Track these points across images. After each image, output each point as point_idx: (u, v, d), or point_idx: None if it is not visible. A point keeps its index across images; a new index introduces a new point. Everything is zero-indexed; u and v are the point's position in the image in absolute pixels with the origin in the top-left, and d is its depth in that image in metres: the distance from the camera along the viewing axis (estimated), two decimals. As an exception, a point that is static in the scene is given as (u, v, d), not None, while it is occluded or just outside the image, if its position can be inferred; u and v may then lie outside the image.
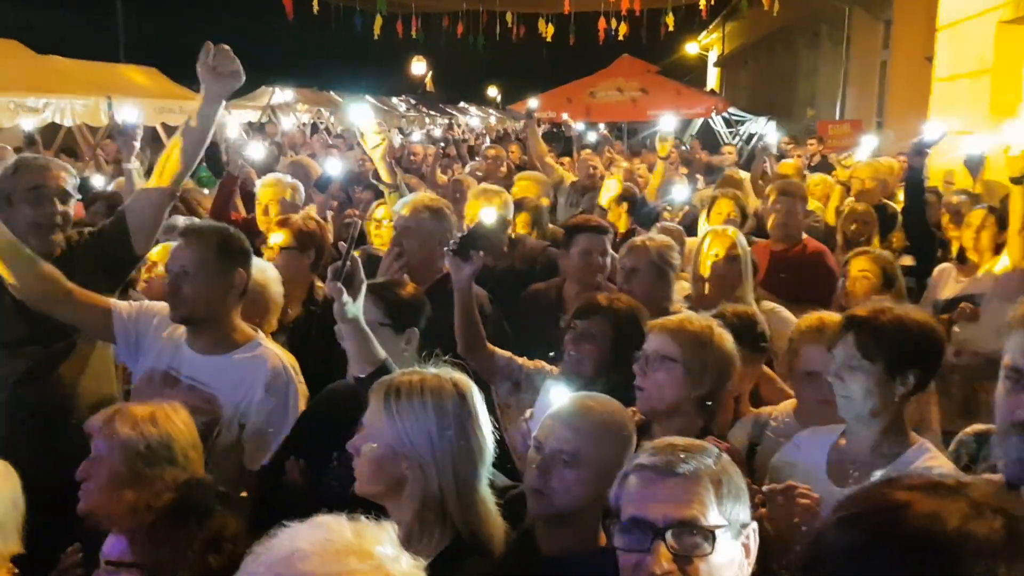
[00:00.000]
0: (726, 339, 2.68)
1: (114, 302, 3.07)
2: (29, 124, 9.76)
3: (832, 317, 2.91)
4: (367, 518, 1.29)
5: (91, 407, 3.14)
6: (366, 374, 2.48)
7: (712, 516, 1.63)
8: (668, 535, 1.62)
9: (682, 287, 4.31)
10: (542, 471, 2.13)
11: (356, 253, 2.64)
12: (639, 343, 2.77)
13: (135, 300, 3.31)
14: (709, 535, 1.62)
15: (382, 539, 1.25)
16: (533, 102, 8.76)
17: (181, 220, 4.22)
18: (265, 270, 3.45)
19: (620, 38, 16.10)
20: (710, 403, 2.65)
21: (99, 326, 3.03)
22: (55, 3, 24.50)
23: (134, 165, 4.83)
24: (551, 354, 3.31)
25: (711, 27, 27.85)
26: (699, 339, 2.62)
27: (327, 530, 1.24)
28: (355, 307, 2.52)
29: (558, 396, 2.41)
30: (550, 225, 5.63)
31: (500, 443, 3.05)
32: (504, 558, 2.06)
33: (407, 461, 2.00)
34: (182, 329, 2.97)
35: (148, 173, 3.64)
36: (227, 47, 3.04)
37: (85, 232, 3.35)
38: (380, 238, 4.94)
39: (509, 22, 16.80)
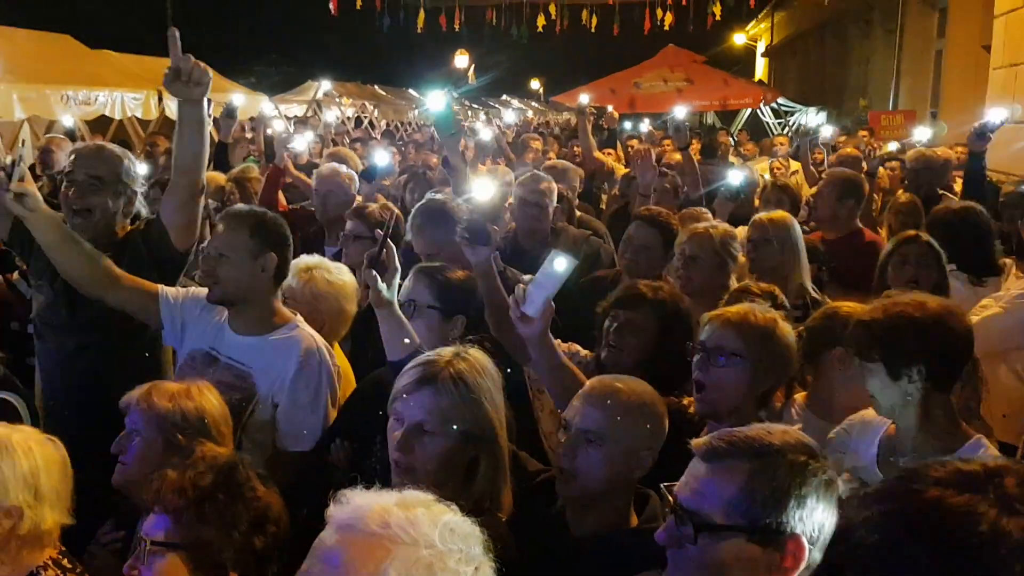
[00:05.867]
0: (788, 331, 2.58)
1: (161, 287, 3.12)
2: (71, 119, 9.91)
3: (852, 308, 2.81)
4: None
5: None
6: (399, 359, 2.51)
7: (718, 510, 1.55)
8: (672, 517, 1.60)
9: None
10: (568, 451, 2.12)
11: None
12: (683, 336, 2.67)
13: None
14: (698, 528, 1.55)
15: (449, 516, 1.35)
16: (584, 97, 8.64)
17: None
18: (345, 284, 3.39)
19: (666, 28, 15.92)
20: (767, 397, 2.58)
21: (147, 311, 3.09)
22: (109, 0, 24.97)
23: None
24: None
25: (759, 16, 27.41)
26: (765, 333, 2.51)
27: (403, 495, 1.34)
28: (390, 293, 2.59)
29: (560, 265, 2.40)
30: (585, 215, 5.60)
31: (533, 427, 3.06)
32: (535, 540, 2.05)
33: (478, 446, 2.06)
34: (226, 312, 3.03)
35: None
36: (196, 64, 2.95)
37: (139, 224, 3.40)
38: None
39: (552, 13, 16.70)
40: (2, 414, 2.40)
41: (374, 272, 2.55)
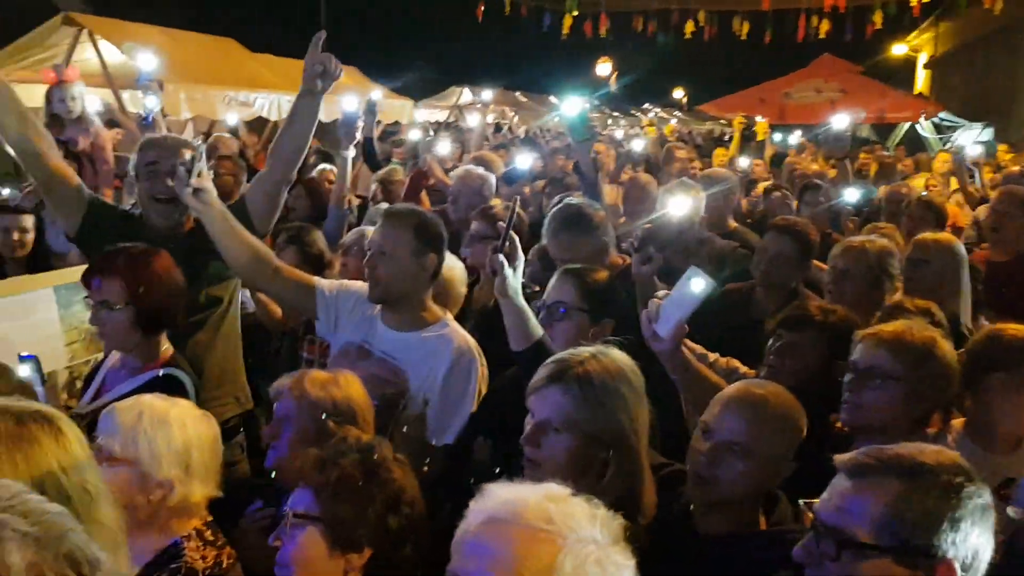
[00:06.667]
0: (949, 350, 2.44)
1: (318, 280, 3.23)
2: (234, 118, 10.41)
3: (1018, 331, 2.62)
4: None
5: (218, 375, 3.44)
6: (523, 349, 2.64)
7: (863, 528, 1.48)
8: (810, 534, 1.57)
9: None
10: (710, 459, 2.07)
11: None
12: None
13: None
14: (841, 545, 1.50)
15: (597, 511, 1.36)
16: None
17: (383, 207, 4.34)
18: (453, 267, 3.56)
19: (821, 36, 15.25)
20: (923, 420, 2.44)
21: (303, 302, 3.19)
22: (268, 5, 26.26)
23: (350, 153, 5.04)
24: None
25: (923, 26, 25.94)
26: (923, 352, 2.38)
27: (547, 488, 1.37)
28: (515, 280, 2.66)
29: (698, 287, 2.37)
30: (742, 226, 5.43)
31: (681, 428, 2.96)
32: (661, 536, 2.01)
33: (608, 448, 2.04)
34: (378, 307, 3.10)
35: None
36: (323, 40, 3.18)
37: None
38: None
39: (701, 20, 16.32)
40: (169, 389, 2.49)
41: (501, 258, 2.62)
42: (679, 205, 3.15)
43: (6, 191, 5.74)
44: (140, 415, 2.15)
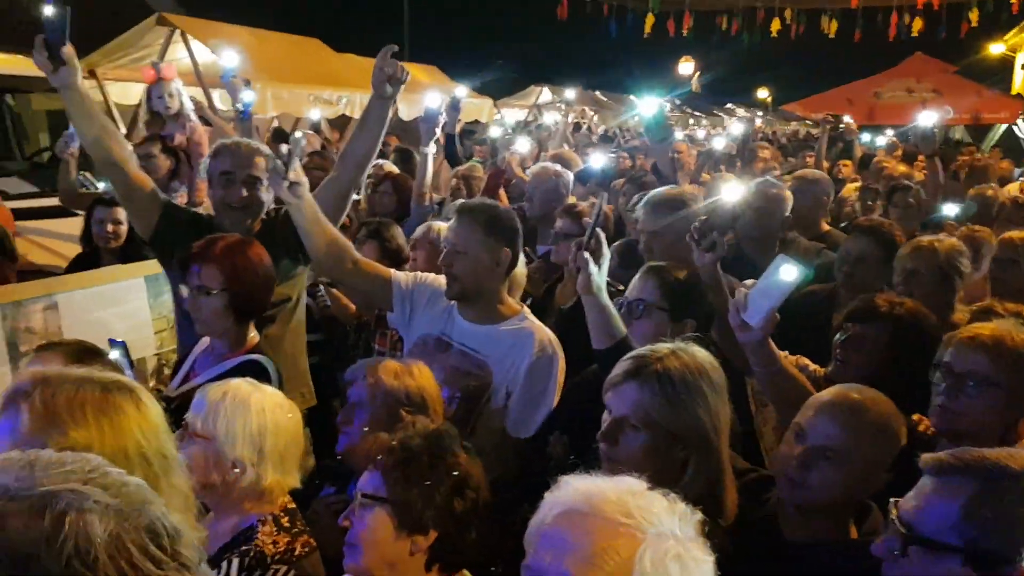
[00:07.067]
0: None
1: (394, 273, 3.28)
2: (318, 113, 10.62)
3: None
4: None
5: (289, 367, 3.44)
6: (605, 347, 2.60)
7: (934, 526, 1.47)
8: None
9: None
10: (802, 463, 2.01)
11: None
12: (922, 355, 2.52)
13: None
14: (910, 541, 1.49)
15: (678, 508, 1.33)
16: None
17: (458, 203, 4.36)
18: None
19: (913, 35, 14.73)
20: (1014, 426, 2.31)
21: (380, 294, 3.24)
22: (352, 5, 26.76)
23: (430, 150, 5.10)
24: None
25: (1022, 24, 24.80)
26: (1022, 357, 2.27)
27: (626, 481, 1.35)
28: (600, 278, 2.64)
29: (789, 274, 2.31)
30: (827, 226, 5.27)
31: (749, 431, 2.93)
32: (744, 540, 1.97)
33: (687, 446, 2.00)
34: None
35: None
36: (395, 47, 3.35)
37: (283, 211, 3.53)
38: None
39: (788, 19, 15.94)
40: (255, 376, 2.53)
41: (586, 255, 2.60)
42: (732, 191, 3.11)
43: (102, 184, 5.97)
44: (224, 395, 2.24)
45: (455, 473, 1.99)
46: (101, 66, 9.66)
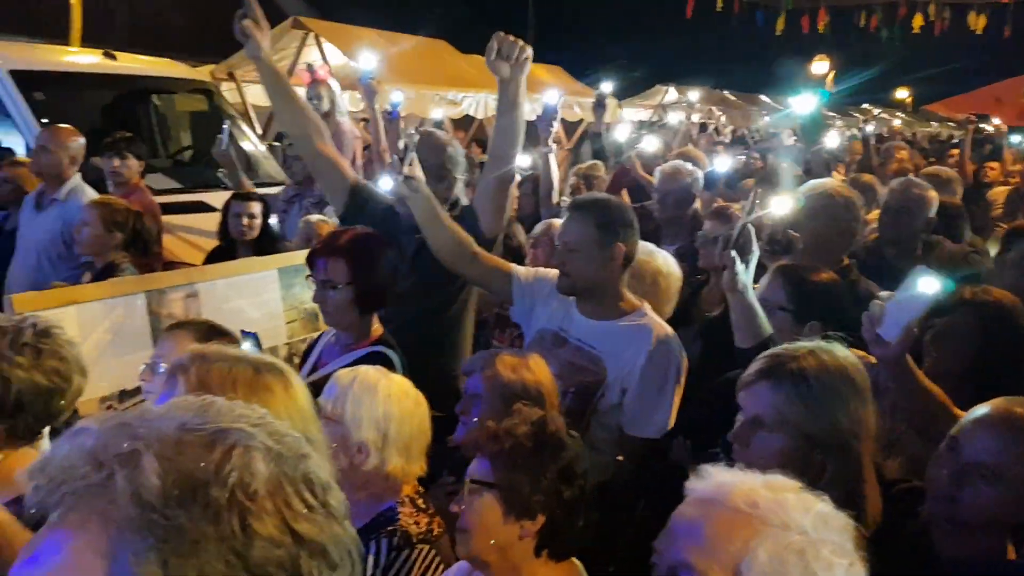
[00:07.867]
0: None
1: (514, 267, 3.30)
2: (440, 112, 10.84)
3: None
4: None
5: (453, 358, 3.54)
6: (748, 346, 2.53)
7: None
8: None
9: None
10: (955, 478, 1.91)
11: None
12: (1014, 343, 2.48)
13: None
14: None
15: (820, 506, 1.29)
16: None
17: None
18: (670, 263, 3.53)
19: (1073, 29, 13.73)
20: None
21: (500, 287, 3.29)
22: (479, 8, 27.14)
23: (549, 149, 5.11)
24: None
25: None
26: None
27: (770, 477, 1.33)
28: (747, 276, 2.60)
29: (929, 287, 2.20)
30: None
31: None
32: (892, 552, 1.84)
33: (824, 449, 1.92)
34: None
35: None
36: (511, 39, 3.35)
37: (454, 212, 3.58)
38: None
39: (931, 14, 15.13)
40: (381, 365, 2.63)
41: (733, 253, 2.56)
42: (780, 205, 2.98)
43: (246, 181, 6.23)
44: (354, 379, 2.32)
45: (562, 460, 2.01)
46: (240, 68, 10.14)
